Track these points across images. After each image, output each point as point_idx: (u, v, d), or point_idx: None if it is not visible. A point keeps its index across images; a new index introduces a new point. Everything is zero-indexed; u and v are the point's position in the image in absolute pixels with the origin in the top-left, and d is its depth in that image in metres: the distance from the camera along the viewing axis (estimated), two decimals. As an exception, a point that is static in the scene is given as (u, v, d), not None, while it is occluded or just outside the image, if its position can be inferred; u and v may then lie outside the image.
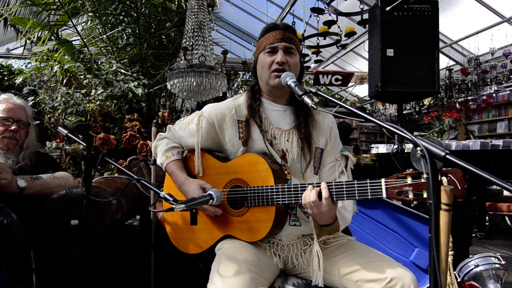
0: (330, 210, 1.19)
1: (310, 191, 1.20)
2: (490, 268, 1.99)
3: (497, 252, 2.28)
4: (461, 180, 1.01)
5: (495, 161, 4.41)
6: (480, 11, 6.42)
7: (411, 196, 1.08)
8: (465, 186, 1.01)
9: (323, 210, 1.19)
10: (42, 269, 1.68)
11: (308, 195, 1.20)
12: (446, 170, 1.02)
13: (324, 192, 1.18)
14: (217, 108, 1.49)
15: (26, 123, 1.89)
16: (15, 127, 1.81)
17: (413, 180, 1.09)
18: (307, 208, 1.21)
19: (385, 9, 3.04)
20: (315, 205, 1.18)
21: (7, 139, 1.80)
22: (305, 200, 1.21)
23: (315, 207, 1.19)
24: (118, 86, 2.94)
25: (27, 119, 1.90)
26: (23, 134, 1.88)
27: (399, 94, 3.18)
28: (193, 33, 2.90)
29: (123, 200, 1.79)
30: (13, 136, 1.81)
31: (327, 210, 1.19)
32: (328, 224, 1.26)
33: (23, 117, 1.88)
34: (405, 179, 1.10)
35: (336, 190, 1.20)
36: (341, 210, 1.37)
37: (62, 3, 3.44)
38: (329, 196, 1.18)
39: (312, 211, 1.20)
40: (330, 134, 1.48)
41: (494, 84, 7.27)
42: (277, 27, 1.43)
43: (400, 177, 1.11)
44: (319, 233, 1.30)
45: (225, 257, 1.26)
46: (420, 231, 2.08)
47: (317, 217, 1.23)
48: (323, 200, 1.18)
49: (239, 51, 10.05)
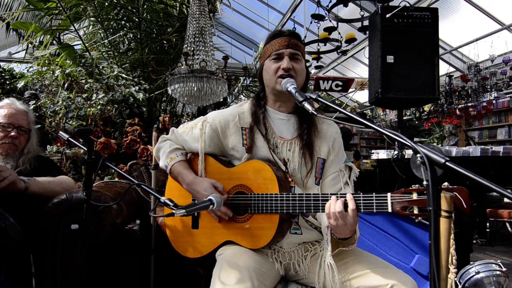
0: (355, 222, 1.16)
1: (335, 202, 1.17)
2: (491, 275, 1.98)
3: (498, 259, 2.28)
4: (466, 199, 1.00)
5: (496, 168, 4.41)
6: (479, 18, 6.46)
7: (416, 211, 1.09)
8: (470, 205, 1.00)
9: (349, 222, 1.15)
10: (42, 273, 1.67)
11: (334, 206, 1.16)
12: (452, 188, 1.00)
13: (350, 204, 1.15)
14: (221, 115, 1.49)
15: (27, 129, 1.88)
16: (14, 134, 1.81)
17: (418, 196, 1.09)
18: (331, 218, 1.17)
19: (385, 16, 3.05)
20: (341, 216, 1.14)
21: (6, 145, 1.80)
22: (329, 210, 1.17)
23: (340, 218, 1.15)
24: (119, 91, 2.95)
25: (28, 125, 1.90)
26: (23, 140, 1.87)
27: (399, 100, 3.19)
28: (194, 39, 2.91)
29: (123, 205, 1.79)
30: (12, 142, 1.81)
31: (352, 222, 1.15)
32: (347, 238, 1.22)
33: (24, 123, 1.87)
34: (411, 195, 1.10)
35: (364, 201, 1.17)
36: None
37: (64, 8, 3.47)
38: (355, 208, 1.15)
39: (337, 223, 1.16)
40: (333, 144, 1.46)
41: (494, 91, 7.29)
42: (282, 33, 1.44)
43: (406, 192, 1.11)
44: (334, 246, 1.26)
45: (227, 264, 1.25)
46: (421, 237, 2.08)
47: (340, 229, 1.18)
48: (350, 211, 1.15)
49: (240, 56, 10.09)
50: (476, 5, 6.24)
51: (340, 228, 1.18)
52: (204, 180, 1.41)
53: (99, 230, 1.64)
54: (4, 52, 8.25)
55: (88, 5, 3.63)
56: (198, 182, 1.41)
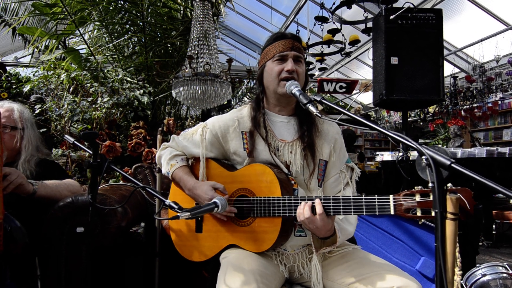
0: (325, 224, 1.20)
1: (303, 208, 1.21)
2: (498, 278, 1.96)
3: (504, 261, 2.26)
4: (470, 200, 0.99)
5: (502, 169, 4.37)
6: (484, 19, 6.43)
7: (419, 213, 1.08)
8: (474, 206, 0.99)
9: (319, 225, 1.19)
10: (47, 276, 1.68)
11: (302, 213, 1.21)
12: (455, 189, 1.00)
13: (318, 208, 1.19)
14: (220, 120, 1.50)
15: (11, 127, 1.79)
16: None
17: (421, 198, 1.08)
18: (303, 224, 1.23)
19: (389, 17, 3.05)
20: (310, 221, 1.20)
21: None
22: (299, 217, 1.22)
23: (310, 223, 1.20)
24: (124, 94, 2.96)
25: (14, 123, 1.81)
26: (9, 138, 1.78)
27: (404, 102, 3.18)
28: (198, 42, 2.92)
29: (128, 208, 1.80)
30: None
31: (322, 225, 1.20)
32: (327, 237, 1.26)
33: (9, 121, 1.79)
34: (414, 197, 1.09)
35: (334, 204, 1.21)
36: (341, 223, 1.36)
37: (69, 12, 3.50)
38: (323, 212, 1.19)
39: (309, 227, 1.22)
40: (335, 145, 1.47)
41: (499, 92, 7.24)
42: (285, 36, 1.44)
43: (408, 194, 1.11)
44: (319, 246, 1.30)
45: (232, 267, 1.25)
46: (426, 239, 2.06)
47: (314, 231, 1.24)
48: (317, 215, 1.18)
49: (244, 59, 10.10)
50: (480, 5, 6.21)
51: (314, 231, 1.23)
52: (204, 183, 1.42)
53: (104, 233, 1.65)
54: (11, 57, 8.33)
55: (93, 10, 3.65)
56: (198, 186, 1.42)
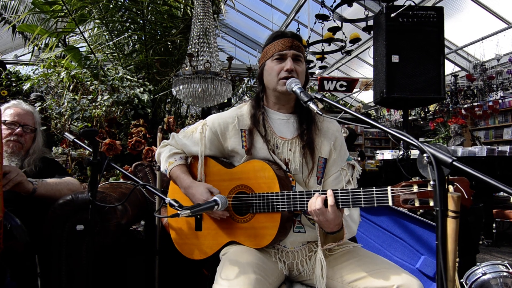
0: (336, 217, 1.19)
1: (316, 199, 1.20)
2: (498, 276, 1.96)
3: (505, 260, 2.26)
4: (467, 189, 1.00)
5: (502, 168, 4.37)
6: (485, 17, 6.41)
7: (417, 204, 1.08)
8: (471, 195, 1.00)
9: (329, 218, 1.19)
10: (47, 274, 1.68)
11: (314, 203, 1.20)
12: (452, 178, 1.01)
13: (330, 200, 1.18)
14: (220, 118, 1.50)
15: (33, 128, 1.92)
16: (20, 131, 1.84)
17: (419, 188, 1.08)
18: (313, 215, 1.21)
19: (390, 15, 3.04)
20: (321, 213, 1.19)
21: (12, 142, 1.83)
22: (310, 207, 1.21)
23: (321, 215, 1.19)
24: (124, 92, 2.96)
25: (34, 125, 1.93)
26: (29, 139, 1.90)
27: (404, 100, 3.17)
28: (199, 40, 2.91)
29: (128, 206, 1.80)
30: (17, 139, 1.84)
31: (333, 218, 1.19)
32: (334, 232, 1.25)
33: (30, 122, 1.91)
34: (411, 187, 1.10)
35: (342, 197, 1.20)
36: (347, 219, 1.36)
37: (69, 10, 3.49)
38: (334, 204, 1.18)
39: (318, 219, 1.21)
40: (335, 143, 1.46)
41: (500, 90, 7.23)
42: (285, 34, 1.44)
43: (406, 185, 1.11)
44: (324, 241, 1.29)
45: (229, 261, 1.26)
46: (427, 238, 2.06)
47: (323, 224, 1.23)
48: (329, 207, 1.18)
49: (244, 57, 10.09)
50: (481, 3, 6.19)
51: (323, 223, 1.22)
52: (200, 184, 1.43)
53: (104, 231, 1.65)
54: (11, 55, 8.34)
55: (93, 8, 3.65)
56: (194, 186, 1.43)
